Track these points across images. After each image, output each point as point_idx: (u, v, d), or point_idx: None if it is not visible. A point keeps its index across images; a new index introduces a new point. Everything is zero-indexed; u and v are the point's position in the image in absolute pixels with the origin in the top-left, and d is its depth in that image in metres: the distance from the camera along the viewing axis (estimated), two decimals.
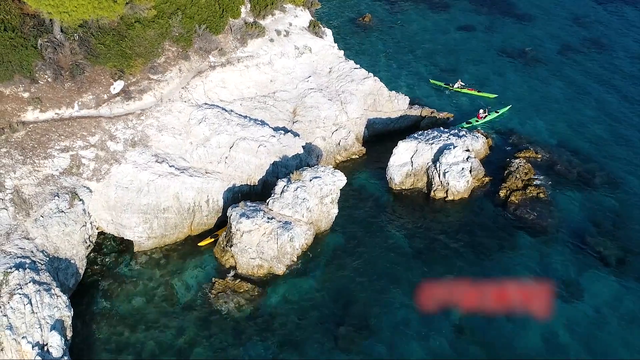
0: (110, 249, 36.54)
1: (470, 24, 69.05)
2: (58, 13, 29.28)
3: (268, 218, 34.16)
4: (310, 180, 36.04)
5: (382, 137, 47.36)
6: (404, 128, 48.15)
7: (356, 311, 33.29)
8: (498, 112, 50.93)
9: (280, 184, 35.92)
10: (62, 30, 34.95)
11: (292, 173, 36.59)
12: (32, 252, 29.58)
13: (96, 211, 33.89)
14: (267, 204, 35.44)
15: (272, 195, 35.66)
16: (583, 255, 37.03)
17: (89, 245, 33.56)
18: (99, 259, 35.59)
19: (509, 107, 51.83)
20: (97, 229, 34.67)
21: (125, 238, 35.76)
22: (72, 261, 31.93)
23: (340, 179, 37.02)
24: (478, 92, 53.22)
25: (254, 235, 33.69)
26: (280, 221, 34.37)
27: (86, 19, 30.69)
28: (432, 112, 49.04)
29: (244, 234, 33.67)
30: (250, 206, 34.82)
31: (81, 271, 32.90)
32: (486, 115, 50.01)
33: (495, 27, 68.55)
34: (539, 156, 45.01)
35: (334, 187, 36.74)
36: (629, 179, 43.73)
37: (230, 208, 34.90)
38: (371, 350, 31.19)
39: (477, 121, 49.72)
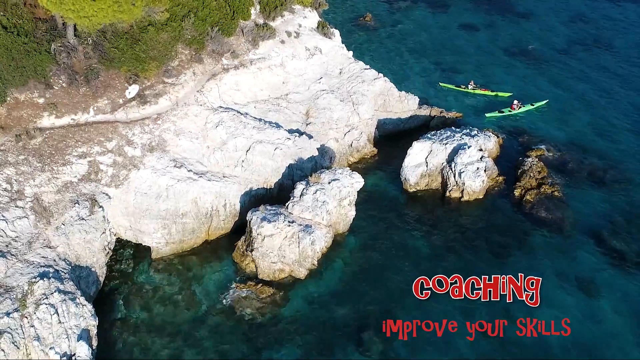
0: (127, 255, 36.06)
1: (471, 22, 69.23)
2: (78, 18, 28.83)
3: (289, 222, 33.90)
4: (329, 183, 35.83)
5: (392, 138, 47.32)
6: (414, 128, 48.08)
7: (377, 314, 33.06)
8: (533, 105, 51.58)
9: (299, 186, 35.66)
10: (75, 35, 34.44)
11: (310, 175, 36.37)
12: (54, 260, 29.11)
13: (114, 217, 33.44)
14: (287, 207, 35.17)
15: (292, 198, 35.39)
16: (601, 253, 37.06)
17: (108, 253, 33.12)
18: (116, 266, 35.12)
19: (545, 101, 52.39)
20: (114, 235, 34.20)
21: (143, 244, 35.30)
22: (92, 269, 31.49)
23: (358, 181, 36.86)
24: (492, 92, 53.24)
25: (275, 239, 33.41)
26: (300, 224, 34.12)
27: (106, 22, 30.21)
28: (441, 112, 49.03)
29: (265, 238, 33.37)
30: (270, 210, 34.54)
31: (101, 279, 32.47)
32: (520, 107, 50.73)
33: (496, 25, 68.77)
34: (550, 154, 45.13)
35: (351, 189, 36.57)
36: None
37: (250, 212, 34.59)
38: (394, 354, 30.97)
39: (510, 111, 50.53)
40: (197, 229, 35.89)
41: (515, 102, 51.08)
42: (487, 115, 50.59)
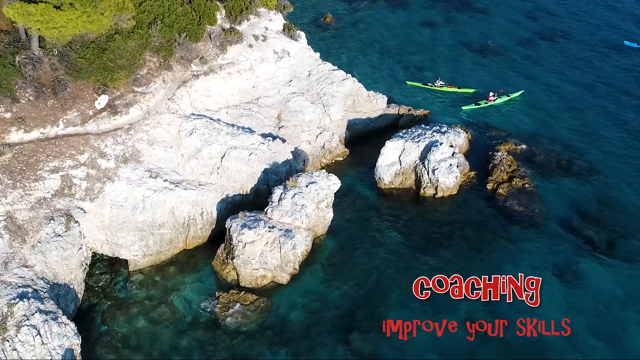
0: (102, 270, 35.24)
1: (430, 20, 69.92)
2: (47, 29, 27.95)
3: (269, 227, 33.67)
4: (307, 186, 35.73)
5: (362, 138, 47.47)
6: (383, 127, 48.36)
7: (363, 314, 33.11)
8: (509, 96, 52.55)
9: (277, 191, 35.45)
10: (40, 46, 33.47)
11: (288, 180, 36.18)
12: (32, 280, 28.25)
13: (90, 232, 32.63)
14: (266, 212, 34.93)
15: (270, 203, 35.15)
16: (573, 241, 37.87)
17: (85, 269, 32.31)
18: (92, 281, 34.28)
19: (521, 92, 53.40)
20: (90, 250, 33.37)
21: (119, 258, 34.57)
22: (71, 286, 30.70)
23: (335, 183, 36.87)
24: (459, 88, 53.93)
25: (256, 245, 33.14)
26: (281, 229, 33.94)
27: (76, 33, 29.41)
28: (409, 110, 49.42)
29: (246, 245, 33.07)
30: (249, 216, 34.25)
31: (80, 296, 31.68)
32: (496, 99, 51.71)
33: (455, 21, 69.63)
34: (518, 148, 45.93)
35: (329, 192, 36.56)
36: (605, 163, 45.10)
37: (229, 219, 34.22)
38: (383, 352, 31.08)
39: (486, 103, 51.44)
40: (175, 239, 35.34)
41: (491, 94, 52.09)
42: (464, 108, 51.52)
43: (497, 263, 36.13)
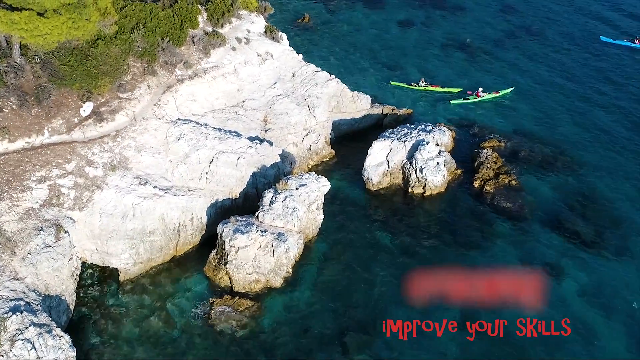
0: (93, 280, 34.69)
1: (407, 19, 70.25)
2: (32, 37, 27.36)
3: (261, 231, 33.45)
4: (297, 189, 35.58)
5: (347, 138, 47.54)
6: (368, 127, 48.46)
7: (357, 315, 33.09)
8: (499, 93, 53.08)
9: (268, 194, 35.25)
10: (21, 53, 32.80)
11: (278, 183, 36.01)
12: (24, 292, 27.64)
13: (80, 241, 32.09)
14: (257, 216, 34.70)
15: (261, 207, 34.93)
16: (561, 236, 38.29)
17: (76, 279, 31.73)
18: (83, 291, 33.69)
19: (511, 88, 54.03)
20: (80, 260, 32.78)
21: (110, 267, 34.06)
22: (62, 297, 30.13)
23: (325, 185, 36.80)
24: (442, 87, 54.17)
25: (249, 250, 32.90)
26: (273, 233, 33.74)
27: (61, 40, 28.85)
28: (392, 110, 49.56)
29: (239, 250, 32.81)
30: (241, 221, 33.99)
31: (72, 307, 31.13)
32: (485, 94, 52.27)
33: (432, 20, 70.03)
34: (502, 144, 46.35)
35: (319, 194, 36.48)
36: (587, 158, 45.76)
37: (220, 224, 33.92)
38: (379, 353, 31.06)
39: (475, 98, 52.04)
40: (165, 245, 34.94)
41: (480, 89, 52.78)
42: (452, 102, 52.22)
43: (488, 260, 36.40)
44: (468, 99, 52.21)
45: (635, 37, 64.00)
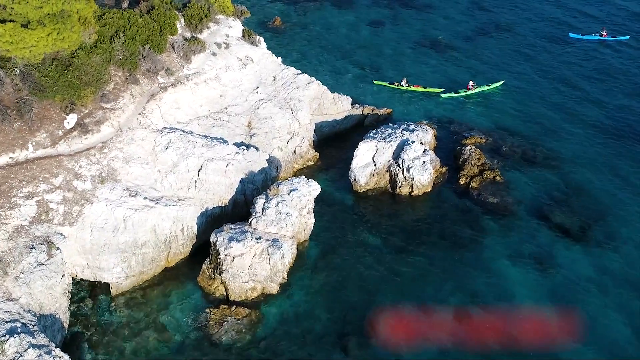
0: (82, 295, 33.83)
1: (378, 18, 70.56)
2: (17, 50, 26.47)
3: (256, 238, 33.10)
4: (289, 194, 35.32)
5: (329, 140, 47.48)
6: (349, 128, 48.49)
7: (355, 317, 32.90)
8: (489, 86, 53.88)
9: (260, 201, 34.90)
10: (0, 66, 31.76)
11: (269, 188, 35.71)
12: (19, 314, 26.75)
13: (70, 257, 31.23)
14: (250, 223, 34.32)
15: (254, 214, 34.56)
16: (548, 229, 38.75)
17: (68, 296, 30.87)
18: (73, 308, 32.78)
19: (502, 82, 54.74)
20: (70, 276, 31.91)
21: (102, 281, 33.25)
22: (57, 316, 29.27)
23: (315, 188, 36.62)
24: (424, 87, 54.43)
25: (245, 258, 32.52)
26: (268, 240, 33.42)
27: (47, 52, 27.99)
28: (373, 110, 49.70)
29: (235, 259, 32.40)
30: (235, 228, 33.58)
31: (66, 325, 30.25)
32: (475, 87, 53.01)
33: (402, 19, 70.48)
34: (484, 140, 46.85)
35: (310, 197, 36.28)
36: (565, 150, 46.56)
37: (214, 233, 33.45)
38: (380, 354, 31.01)
39: (466, 92, 52.64)
40: (157, 257, 34.29)
41: (471, 83, 53.58)
42: (442, 95, 52.89)
43: (478, 257, 36.66)
44: (459, 92, 52.85)
45: (600, 31, 65.47)
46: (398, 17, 71.04)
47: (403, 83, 54.48)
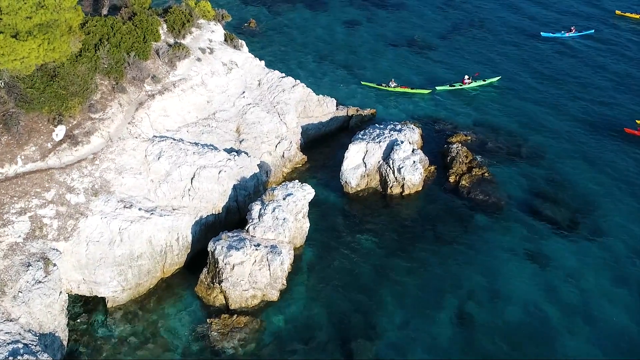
0: (77, 311, 32.97)
1: (352, 19, 70.63)
2: (9, 62, 25.57)
3: (255, 245, 32.72)
4: (284, 199, 35.02)
5: (316, 142, 47.26)
6: (334, 130, 48.35)
7: (356, 320, 32.89)
8: (485, 81, 54.58)
9: (256, 207, 34.51)
10: None
11: (265, 194, 35.36)
12: (20, 334, 25.96)
13: (66, 273, 30.44)
14: (247, 230, 33.92)
15: (250, 220, 34.17)
16: (539, 223, 39.30)
17: (66, 313, 30.05)
18: (69, 325, 31.90)
19: (498, 77, 55.43)
20: (65, 292, 31.07)
21: (97, 296, 32.47)
22: (56, 334, 28.50)
23: (310, 192, 36.43)
24: (412, 89, 54.52)
25: (245, 266, 32.12)
26: (267, 246, 33.07)
27: (39, 63, 27.14)
28: (357, 110, 49.65)
29: (235, 267, 31.97)
30: (233, 236, 33.13)
31: (65, 343, 29.49)
32: (471, 82, 53.83)
33: (377, 19, 70.66)
34: (469, 138, 47.24)
35: (305, 202, 36.04)
36: (548, 144, 47.38)
37: (212, 242, 32.95)
38: (383, 356, 30.95)
39: (461, 86, 53.61)
40: (153, 268, 33.64)
41: (466, 77, 54.41)
42: (437, 88, 53.69)
43: (473, 254, 36.92)
44: (454, 86, 53.68)
45: (569, 28, 66.83)
46: (372, 17, 71.18)
47: (391, 84, 54.51)
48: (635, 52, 62.87)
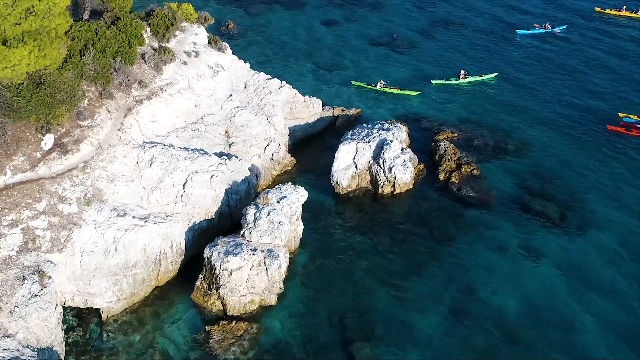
0: (71, 323, 32.22)
1: (330, 18, 70.56)
2: (0, 70, 24.83)
3: (252, 250, 32.36)
4: (279, 202, 34.72)
5: (303, 144, 47.08)
6: (321, 130, 48.16)
7: (354, 321, 32.77)
8: (482, 76, 55.26)
9: (250, 211, 34.15)
10: None
11: (258, 198, 35.01)
12: (18, 350, 25.24)
13: (60, 285, 29.71)
14: (243, 235, 33.55)
15: (245, 225, 33.79)
16: (529, 217, 39.78)
17: (62, 326, 29.34)
18: (65, 337, 31.21)
19: (495, 74, 55.97)
20: (60, 304, 30.34)
21: (91, 307, 31.79)
22: (53, 348, 27.78)
23: (303, 194, 36.22)
24: (400, 90, 54.49)
25: (243, 271, 31.75)
26: (263, 250, 32.76)
27: (30, 71, 26.38)
28: (343, 111, 49.52)
29: (232, 273, 31.58)
30: (229, 242, 32.72)
31: (62, 356, 28.75)
32: (467, 77, 54.59)
33: (355, 19, 70.74)
34: (455, 135, 47.49)
35: (298, 204, 35.79)
36: (532, 140, 47.91)
37: (207, 248, 32.49)
38: (383, 355, 30.87)
39: (457, 80, 54.36)
40: (147, 277, 33.07)
41: (462, 72, 55.04)
42: (433, 82, 54.29)
43: (466, 251, 37.10)
44: (450, 80, 54.21)
45: (543, 23, 67.90)
46: (350, 16, 71.19)
47: (379, 85, 54.45)
48: (617, 48, 63.96)
